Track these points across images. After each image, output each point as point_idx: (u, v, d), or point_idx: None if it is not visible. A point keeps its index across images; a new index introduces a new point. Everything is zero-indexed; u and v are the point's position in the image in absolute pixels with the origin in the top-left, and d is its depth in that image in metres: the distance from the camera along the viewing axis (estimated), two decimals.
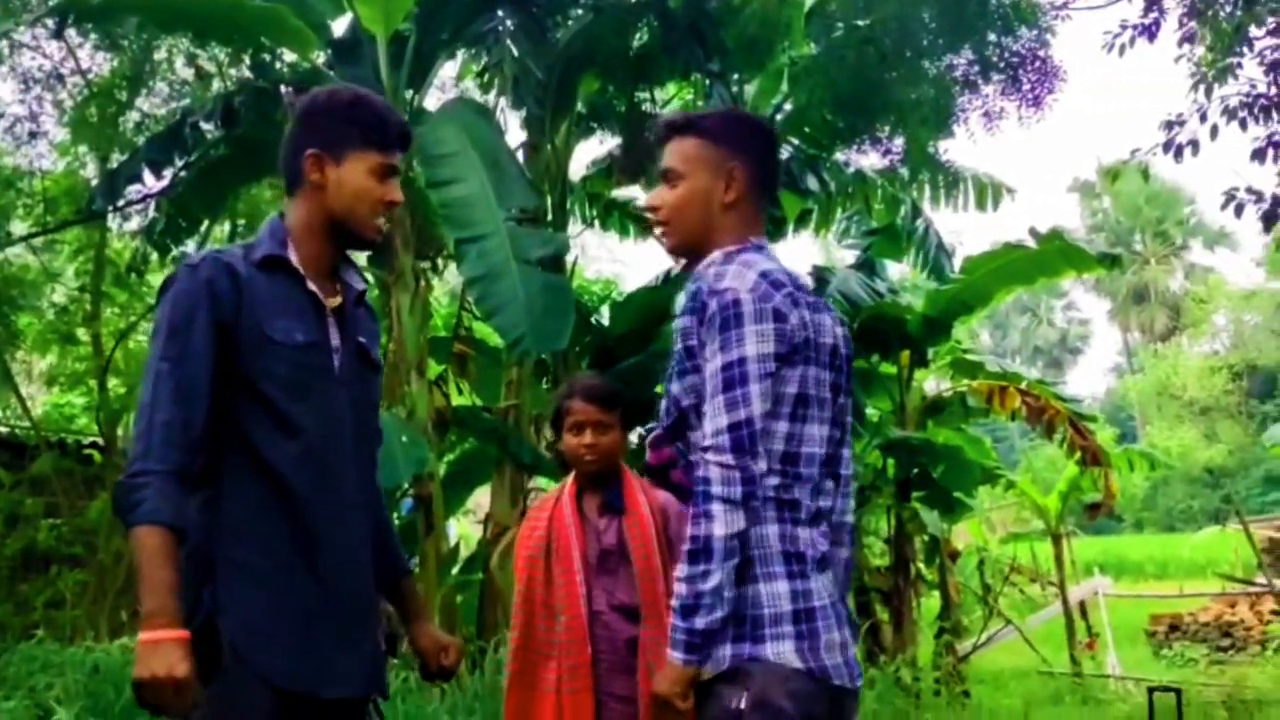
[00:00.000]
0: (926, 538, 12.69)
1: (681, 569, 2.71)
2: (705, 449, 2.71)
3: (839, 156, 11.97)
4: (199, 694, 2.48)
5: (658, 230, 3.06)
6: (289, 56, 11.06)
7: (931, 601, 13.80)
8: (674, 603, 2.72)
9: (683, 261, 3.27)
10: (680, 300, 2.93)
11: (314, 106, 2.96)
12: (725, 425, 2.68)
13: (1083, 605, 16.32)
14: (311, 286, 2.87)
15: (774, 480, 2.76)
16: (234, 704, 2.55)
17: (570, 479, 3.83)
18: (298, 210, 2.92)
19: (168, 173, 10.79)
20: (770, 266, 2.85)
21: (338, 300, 2.93)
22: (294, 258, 2.86)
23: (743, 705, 2.66)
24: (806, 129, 11.46)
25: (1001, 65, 10.60)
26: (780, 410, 2.76)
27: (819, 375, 2.84)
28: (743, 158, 2.98)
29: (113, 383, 13.20)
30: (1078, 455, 12.48)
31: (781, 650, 2.70)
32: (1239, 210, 8.74)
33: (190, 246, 11.28)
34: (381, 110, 2.97)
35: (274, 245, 2.86)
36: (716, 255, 2.92)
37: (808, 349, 2.80)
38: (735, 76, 11.52)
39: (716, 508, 2.65)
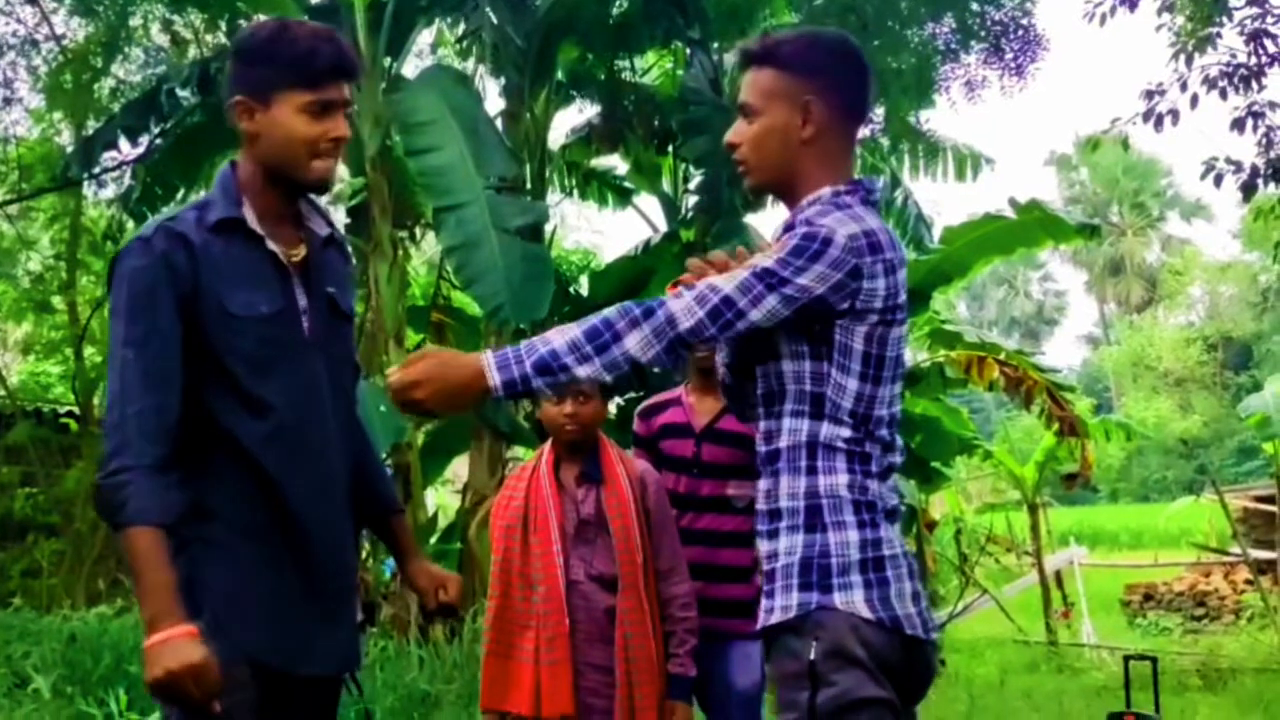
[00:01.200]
0: (904, 508, 12.72)
1: (579, 333, 2.52)
2: (689, 290, 2.56)
3: None
4: (217, 680, 2.41)
5: (739, 169, 2.85)
6: None
7: None
8: (567, 337, 2.52)
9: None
10: (777, 231, 2.79)
11: (239, 47, 2.79)
12: (725, 292, 2.53)
13: (1058, 575, 16.39)
14: (272, 246, 2.70)
15: (847, 432, 2.64)
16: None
17: (547, 448, 3.81)
18: (243, 162, 2.77)
19: (144, 140, 10.74)
20: (875, 225, 2.69)
21: (301, 252, 2.76)
22: (250, 216, 2.69)
23: (813, 655, 2.53)
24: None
25: (983, 34, 10.60)
26: (849, 366, 2.63)
27: (900, 334, 2.70)
28: (822, 89, 2.74)
29: (89, 351, 13.16)
30: (1055, 426, 12.52)
31: (851, 599, 2.56)
32: (1218, 180, 8.77)
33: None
34: (306, 41, 2.69)
35: (227, 206, 2.69)
36: (825, 191, 2.75)
37: (896, 311, 2.67)
38: (716, 45, 11.49)
39: (647, 329, 2.51)
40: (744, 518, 3.88)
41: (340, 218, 11.21)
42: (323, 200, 2.95)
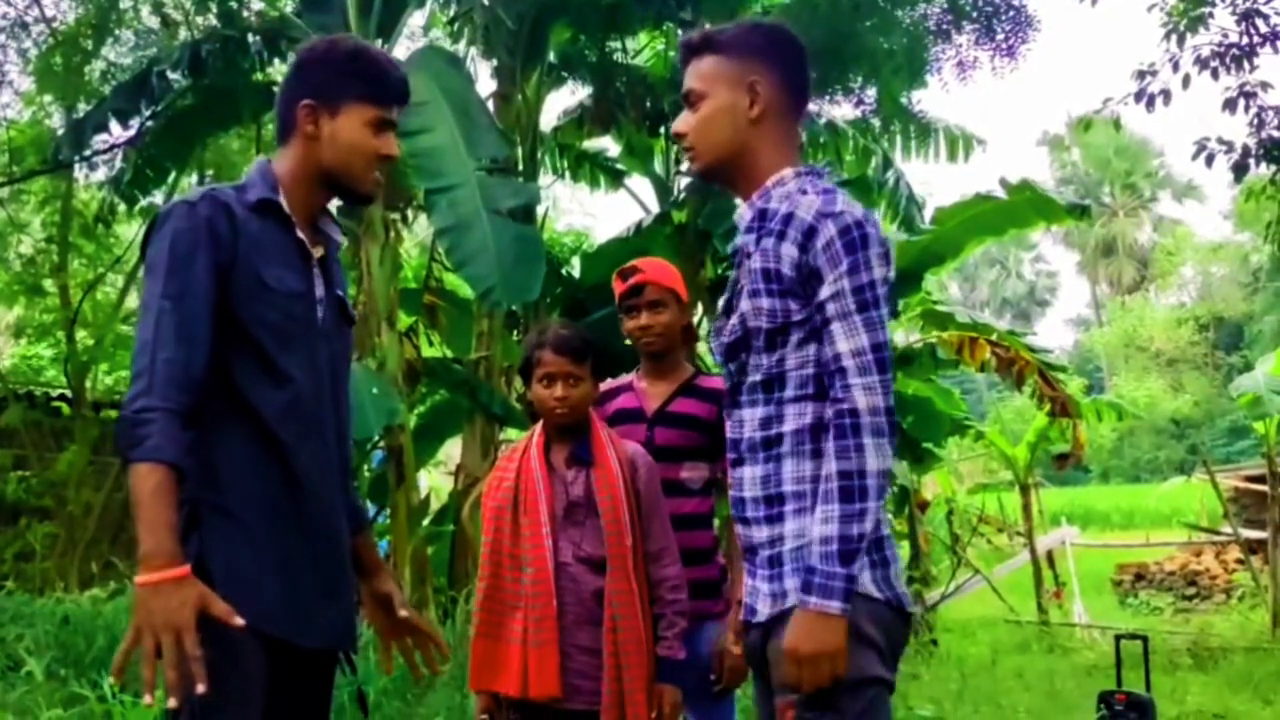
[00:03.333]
0: (896, 488, 12.74)
1: (831, 508, 2.55)
2: (842, 368, 2.60)
3: (811, 107, 11.94)
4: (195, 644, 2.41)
5: (686, 156, 2.95)
6: (257, 4, 10.98)
7: (900, 551, 13.86)
8: (823, 547, 2.54)
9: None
10: (744, 216, 2.87)
11: (312, 55, 2.92)
12: (868, 344, 2.60)
13: (1050, 555, 16.46)
14: (300, 234, 2.84)
15: None
16: (223, 648, 2.48)
17: (538, 429, 3.81)
18: (289, 159, 2.88)
19: (134, 122, 10.70)
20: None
21: (320, 251, 2.91)
22: (284, 204, 2.82)
23: None
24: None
25: (975, 14, 10.59)
26: None
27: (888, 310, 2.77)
28: (765, 70, 2.85)
29: (80, 334, 13.15)
30: (1047, 406, 12.54)
31: (862, 581, 2.61)
32: (1209, 161, 8.78)
33: (158, 197, 11.21)
34: (383, 63, 2.94)
35: (265, 189, 2.81)
36: (787, 173, 2.84)
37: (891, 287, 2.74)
38: (707, 25, 11.44)
39: (868, 440, 2.55)
40: (700, 499, 3.90)
41: (332, 200, 11.19)
42: None
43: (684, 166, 11.69)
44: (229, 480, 2.66)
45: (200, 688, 2.39)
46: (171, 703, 2.39)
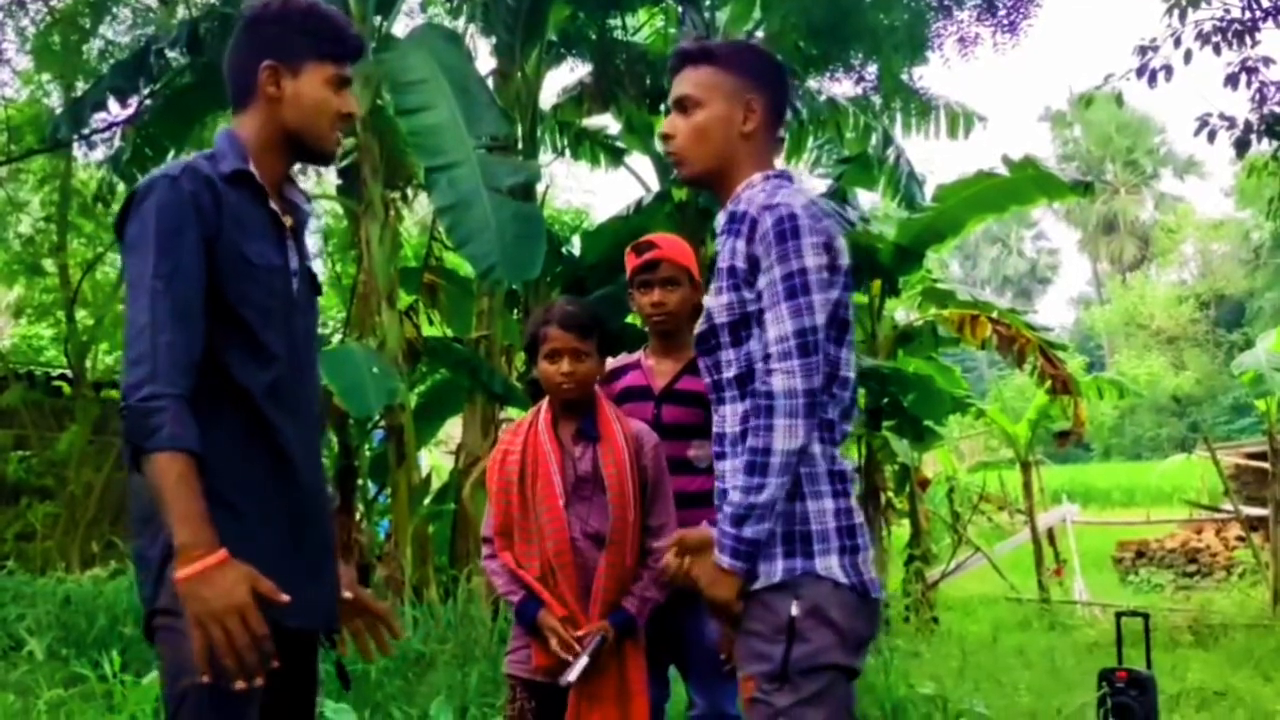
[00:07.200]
0: (897, 466, 12.75)
1: (739, 478, 2.73)
2: (767, 356, 2.73)
3: (811, 84, 11.92)
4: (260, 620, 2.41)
5: (672, 159, 3.06)
6: None
7: (901, 530, 13.91)
8: (725, 509, 2.75)
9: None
10: (720, 221, 2.97)
11: (265, 15, 2.84)
12: (790, 331, 2.70)
13: (1050, 533, 16.46)
14: (273, 205, 2.79)
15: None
16: None
17: (544, 406, 3.80)
18: (252, 124, 2.81)
19: (133, 101, 10.66)
20: (812, 196, 2.90)
21: (290, 221, 2.85)
22: (256, 174, 2.76)
23: (795, 612, 2.72)
24: (779, 56, 11.40)
25: None
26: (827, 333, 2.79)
27: (848, 299, 2.88)
28: (760, 89, 2.99)
29: (80, 314, 13.14)
30: (1048, 384, 12.53)
31: (830, 565, 2.77)
32: (1211, 136, 8.75)
33: None
34: (337, 20, 2.89)
35: (237, 159, 2.75)
36: (755, 178, 2.95)
37: (845, 275, 2.84)
38: (708, 2, 11.41)
39: (779, 421, 2.68)
40: (707, 478, 3.87)
41: (331, 178, 11.17)
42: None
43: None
44: (218, 464, 2.56)
45: (275, 663, 2.42)
46: (258, 681, 2.40)
